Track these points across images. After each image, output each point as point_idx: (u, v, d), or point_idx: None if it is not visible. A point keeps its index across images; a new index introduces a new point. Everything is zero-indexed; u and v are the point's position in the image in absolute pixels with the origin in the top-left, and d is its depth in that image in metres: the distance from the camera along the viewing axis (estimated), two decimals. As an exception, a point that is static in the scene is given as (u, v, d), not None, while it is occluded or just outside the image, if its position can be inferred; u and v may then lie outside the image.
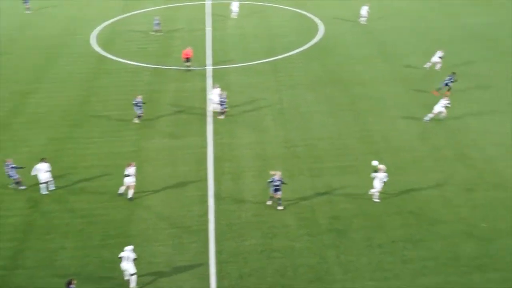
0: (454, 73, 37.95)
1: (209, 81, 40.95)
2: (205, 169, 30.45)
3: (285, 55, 45.76)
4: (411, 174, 29.53)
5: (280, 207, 27.01)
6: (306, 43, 48.17)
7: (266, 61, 44.64)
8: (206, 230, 25.82)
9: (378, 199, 27.44)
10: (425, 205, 27.25)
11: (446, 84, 37.59)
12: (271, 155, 31.72)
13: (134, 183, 27.53)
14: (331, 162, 30.94)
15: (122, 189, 27.80)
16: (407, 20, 53.36)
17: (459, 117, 35.10)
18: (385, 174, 26.94)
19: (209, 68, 43.26)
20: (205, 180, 29.49)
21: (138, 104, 34.61)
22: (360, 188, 28.57)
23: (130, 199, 27.57)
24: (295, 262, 23.92)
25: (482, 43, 47.52)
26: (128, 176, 27.32)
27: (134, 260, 22.34)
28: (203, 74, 42.23)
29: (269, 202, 27.22)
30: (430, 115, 34.66)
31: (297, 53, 46.22)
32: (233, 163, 30.97)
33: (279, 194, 26.80)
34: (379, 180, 26.97)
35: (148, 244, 24.93)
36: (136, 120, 34.96)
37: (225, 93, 35.44)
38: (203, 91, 39.28)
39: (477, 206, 27.21)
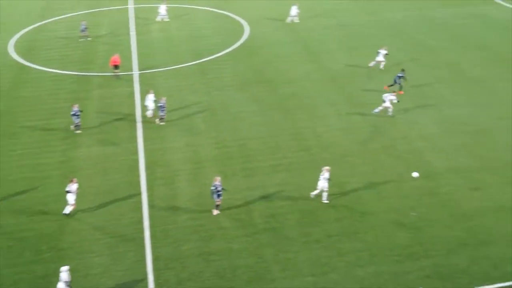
0: (403, 69, 38.80)
1: (137, 86, 40.32)
2: (138, 175, 29.96)
3: (212, 57, 45.70)
4: (342, 168, 30.17)
5: (217, 212, 26.94)
6: (233, 44, 48.31)
7: (193, 64, 44.42)
8: (142, 238, 25.39)
9: (315, 196, 27.75)
10: (357, 198, 27.92)
11: (395, 81, 38.34)
12: (204, 158, 31.61)
13: (74, 201, 26.55)
14: (264, 161, 31.18)
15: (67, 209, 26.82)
16: (332, 18, 54.35)
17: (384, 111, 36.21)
18: (328, 173, 27.23)
19: (135, 73, 42.58)
20: (138, 187, 29.02)
21: (76, 114, 33.59)
22: (293, 185, 28.94)
23: (67, 214, 26.62)
24: (233, 264, 23.93)
25: (401, 38, 49.12)
26: (69, 192, 26.35)
27: (69, 283, 21.49)
28: (130, 80, 41.51)
29: (215, 212, 26.92)
30: (390, 110, 35.39)
31: (224, 54, 46.27)
32: (166, 168, 30.64)
33: (221, 199, 26.68)
34: (324, 180, 27.19)
35: (83, 256, 24.23)
36: (72, 128, 33.96)
37: (164, 98, 34.97)
38: (131, 97, 38.63)
39: (406, 196, 28.13)
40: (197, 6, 58.60)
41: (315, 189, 27.57)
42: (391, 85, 38.33)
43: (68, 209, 26.53)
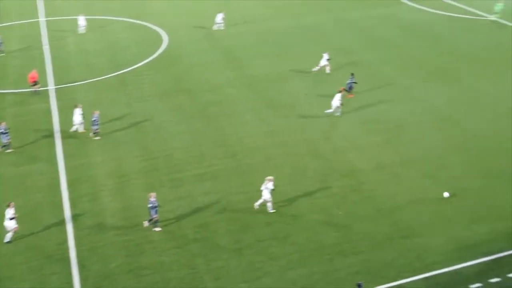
0: (353, 74, 39.32)
1: (53, 101, 38.99)
2: (60, 194, 28.94)
3: (131, 68, 44.93)
4: (267, 173, 30.21)
5: (148, 225, 26.41)
6: (152, 54, 47.69)
7: (113, 76, 43.50)
8: (68, 258, 24.52)
9: (272, 209, 27.51)
10: (286, 201, 28.15)
11: (350, 86, 38.76)
12: (129, 171, 30.98)
13: (16, 226, 25.23)
14: (190, 171, 30.94)
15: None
16: (251, 24, 54.65)
17: (307, 114, 36.83)
18: (272, 183, 27.21)
19: (51, 88, 41.17)
20: (61, 205, 28.02)
21: (4, 132, 32.06)
22: (221, 193, 28.89)
23: (8, 242, 25.31)
24: (165, 277, 23.54)
25: (320, 41, 50.10)
26: (11, 219, 24.94)
27: None
28: (45, 95, 40.09)
29: (146, 224, 26.37)
30: (330, 110, 36.02)
31: (143, 65, 45.59)
32: (90, 184, 29.79)
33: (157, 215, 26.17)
34: (268, 191, 27.13)
35: (3, 284, 23.06)
36: (0, 149, 32.43)
37: (97, 112, 34.02)
38: (48, 113, 37.31)
39: (332, 195, 28.70)
40: (113, 17, 57.47)
41: (260, 199, 27.41)
42: (347, 90, 38.75)
43: (9, 237, 25.30)
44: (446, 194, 28.24)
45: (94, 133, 34.02)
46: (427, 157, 31.87)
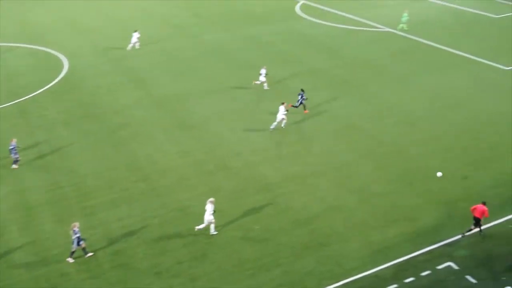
0: (302, 90, 39.21)
1: None
2: (-40, 233, 27.08)
3: (31, 95, 43.03)
4: (180, 193, 30.05)
5: (90, 253, 25.46)
6: (52, 80, 45.94)
7: (10, 105, 41.42)
8: (-27, 301, 22.95)
9: (215, 231, 27.03)
10: (200, 220, 27.77)
11: (301, 102, 38.67)
12: (35, 203, 29.52)
13: None
14: (102, 197, 29.96)
15: None
16: (154, 45, 54.00)
17: (217, 132, 36.86)
18: (212, 205, 26.72)
19: None
20: (-39, 245, 26.21)
21: None
22: (136, 217, 28.19)
23: None
24: (82, 310, 22.61)
25: (223, 57, 50.44)
26: None
27: None
28: None
29: (71, 260, 25.14)
30: (275, 124, 36.22)
31: (44, 91, 43.80)
32: (-7, 220, 28.12)
33: (81, 245, 25.10)
34: (209, 213, 26.60)
35: None
36: None
37: (14, 140, 32.46)
38: None
39: (248, 210, 28.74)
40: (9, 44, 54.91)
41: (202, 222, 26.89)
42: (296, 106, 38.76)
43: None
44: (439, 174, 29.14)
45: (14, 161, 32.61)
46: (336, 166, 32.72)
